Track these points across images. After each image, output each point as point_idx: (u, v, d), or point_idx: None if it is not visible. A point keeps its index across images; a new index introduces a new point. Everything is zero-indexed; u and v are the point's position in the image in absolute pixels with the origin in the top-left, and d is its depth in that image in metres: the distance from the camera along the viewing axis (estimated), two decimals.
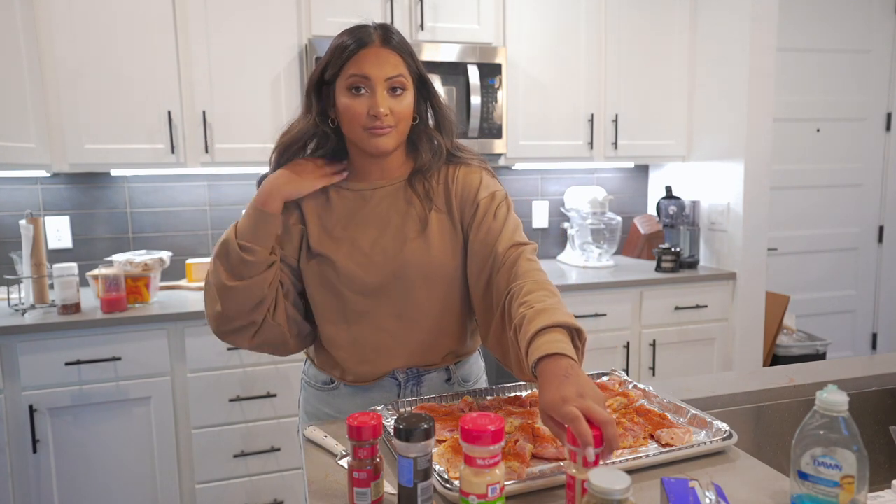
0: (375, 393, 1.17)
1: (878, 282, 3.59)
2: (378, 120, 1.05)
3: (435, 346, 1.17)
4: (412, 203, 1.14)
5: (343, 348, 1.15)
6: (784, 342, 2.90)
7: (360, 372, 1.16)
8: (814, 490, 0.74)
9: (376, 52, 1.06)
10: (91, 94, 2.17)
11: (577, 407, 0.75)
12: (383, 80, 1.06)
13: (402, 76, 1.07)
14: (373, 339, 1.14)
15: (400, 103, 1.08)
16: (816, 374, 1.38)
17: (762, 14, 2.57)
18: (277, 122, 2.36)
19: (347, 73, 1.06)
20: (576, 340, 0.90)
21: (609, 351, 2.58)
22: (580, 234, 2.92)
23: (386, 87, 1.06)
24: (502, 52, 2.49)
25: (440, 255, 1.12)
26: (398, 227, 1.13)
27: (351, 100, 1.06)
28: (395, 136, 1.09)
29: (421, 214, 1.13)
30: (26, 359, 1.93)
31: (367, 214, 1.14)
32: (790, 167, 3.32)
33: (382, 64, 1.06)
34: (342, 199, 1.15)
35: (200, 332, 2.09)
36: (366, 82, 1.06)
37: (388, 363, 1.16)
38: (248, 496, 2.20)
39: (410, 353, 1.16)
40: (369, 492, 0.77)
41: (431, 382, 1.19)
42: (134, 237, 2.56)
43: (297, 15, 2.33)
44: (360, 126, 1.07)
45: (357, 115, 1.06)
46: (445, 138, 1.16)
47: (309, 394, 1.24)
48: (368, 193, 1.15)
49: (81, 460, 2.01)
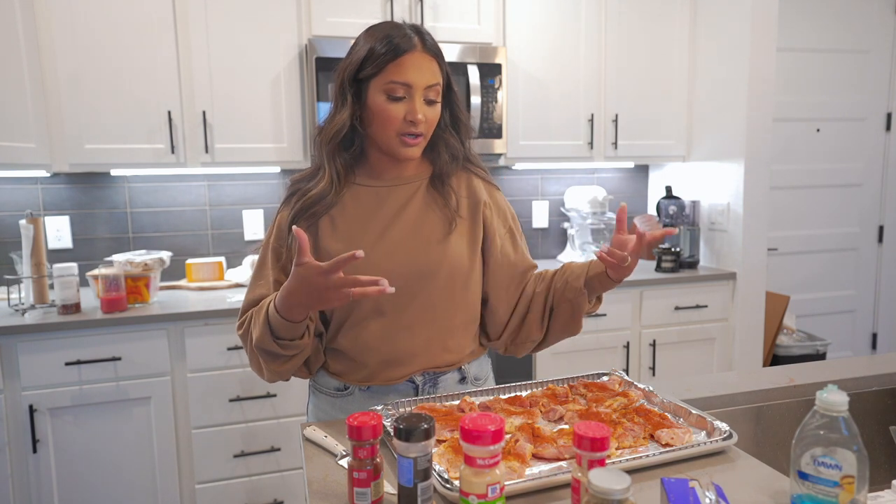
0: (392, 397, 1.15)
1: (878, 282, 3.59)
2: (414, 126, 1.07)
3: (455, 346, 1.18)
4: (433, 206, 1.16)
5: (366, 351, 1.14)
6: (784, 342, 2.90)
7: (383, 375, 1.15)
8: (814, 490, 0.74)
9: (419, 58, 1.07)
10: (91, 94, 2.17)
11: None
12: (423, 88, 1.07)
13: (438, 84, 1.10)
14: (396, 340, 1.13)
15: (433, 111, 1.10)
16: (816, 374, 1.38)
17: (762, 14, 2.57)
18: (277, 122, 2.37)
19: (387, 76, 1.06)
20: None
21: (609, 351, 2.58)
22: (580, 234, 2.92)
23: (424, 96, 1.08)
24: (502, 52, 2.49)
25: (464, 258, 1.15)
26: (421, 228, 1.14)
27: (388, 104, 1.07)
28: (423, 144, 1.11)
29: (444, 218, 1.15)
30: (26, 359, 1.93)
31: (386, 213, 1.14)
32: (790, 167, 3.32)
33: (424, 71, 1.07)
34: (356, 197, 1.15)
35: (200, 332, 2.09)
36: (407, 90, 1.06)
37: (411, 364, 1.15)
38: (248, 496, 2.20)
39: (432, 354, 1.15)
40: (369, 492, 0.77)
41: (446, 383, 1.19)
42: (134, 237, 2.56)
43: (297, 15, 2.33)
44: (395, 131, 1.08)
45: (393, 119, 1.07)
46: (462, 140, 1.18)
47: (320, 400, 1.22)
48: (385, 191, 1.16)
49: (81, 460, 2.01)
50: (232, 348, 2.12)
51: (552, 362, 2.50)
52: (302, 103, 2.38)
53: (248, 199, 2.68)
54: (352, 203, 1.15)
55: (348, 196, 1.15)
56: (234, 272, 2.53)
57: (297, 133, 2.39)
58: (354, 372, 1.16)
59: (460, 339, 1.19)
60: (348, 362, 1.16)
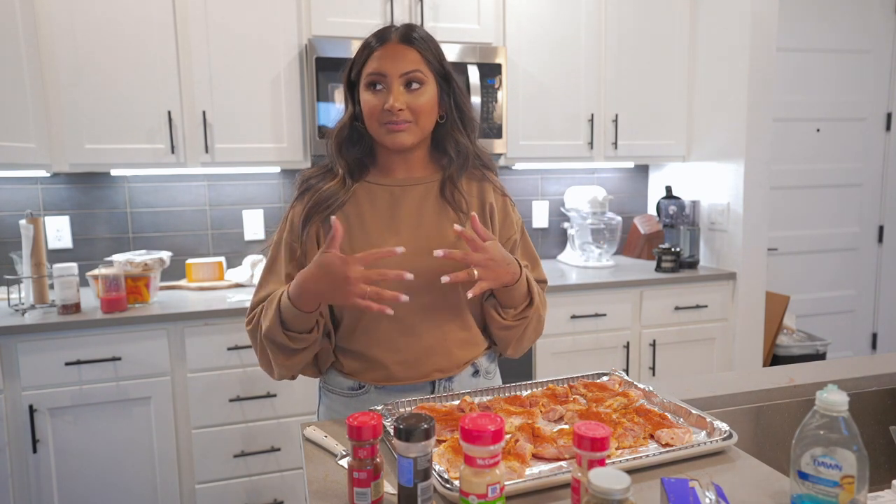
0: (409, 395, 1.15)
1: (878, 282, 3.59)
2: (392, 115, 1.08)
3: (472, 341, 1.19)
4: (446, 207, 1.17)
5: (382, 350, 1.14)
6: (784, 342, 2.90)
7: (402, 374, 1.14)
8: (814, 490, 0.74)
9: (393, 49, 1.10)
10: (91, 94, 2.17)
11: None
12: (398, 76, 1.08)
13: (418, 71, 1.10)
14: (413, 339, 1.14)
15: (417, 98, 1.10)
16: (816, 374, 1.38)
17: (762, 14, 2.57)
18: (277, 122, 2.37)
19: (367, 71, 1.10)
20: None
21: (609, 351, 2.58)
22: (580, 234, 2.92)
23: (402, 83, 1.09)
24: (502, 52, 2.49)
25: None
26: (436, 230, 1.15)
27: (369, 96, 1.10)
28: (414, 132, 1.11)
29: (457, 220, 1.16)
30: (26, 359, 1.93)
31: (401, 213, 1.15)
32: (790, 167, 3.32)
33: (399, 60, 1.09)
34: (370, 195, 1.16)
35: (200, 332, 2.09)
36: (382, 79, 1.09)
37: (428, 363, 1.15)
38: (248, 496, 2.20)
39: (449, 352, 1.16)
40: (369, 492, 0.77)
41: (462, 378, 1.20)
42: (134, 237, 2.56)
43: (297, 15, 2.33)
44: (377, 121, 1.10)
45: (373, 109, 1.09)
46: (469, 137, 1.18)
47: (332, 401, 1.21)
48: (398, 190, 1.17)
49: (81, 460, 2.01)
50: (232, 348, 2.12)
51: (552, 362, 2.50)
52: (302, 103, 2.38)
53: (248, 199, 2.68)
54: (367, 202, 1.16)
55: (363, 194, 1.16)
56: (234, 272, 2.53)
57: (297, 133, 2.39)
58: (371, 371, 1.16)
59: (475, 336, 1.20)
60: (364, 362, 1.16)
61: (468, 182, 1.21)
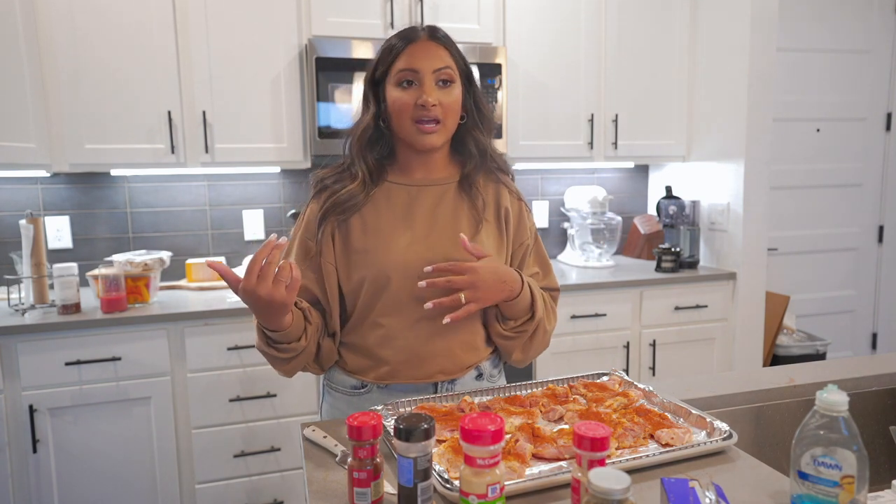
0: (411, 395, 1.14)
1: (878, 282, 3.59)
2: (426, 110, 1.08)
3: (478, 344, 1.19)
4: (462, 207, 1.17)
5: (388, 348, 1.14)
6: (784, 342, 2.90)
7: (405, 373, 1.15)
8: (814, 490, 0.74)
9: (425, 46, 1.10)
10: (91, 94, 2.17)
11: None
12: (431, 72, 1.09)
13: (449, 68, 1.11)
14: (420, 337, 1.13)
15: (448, 96, 1.11)
16: (816, 374, 1.38)
17: (762, 14, 2.57)
18: (277, 122, 2.37)
19: (397, 68, 1.10)
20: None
21: (609, 351, 2.58)
22: (580, 234, 2.92)
23: (435, 79, 1.10)
24: (502, 52, 2.49)
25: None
26: (452, 229, 1.15)
27: (400, 92, 1.10)
28: (442, 133, 1.12)
29: (472, 219, 1.17)
30: (26, 359, 1.93)
31: (417, 212, 1.16)
32: (790, 167, 3.31)
33: (431, 57, 1.10)
34: (389, 195, 1.17)
35: (200, 332, 2.09)
36: (415, 75, 1.09)
37: (432, 363, 1.15)
38: (248, 496, 2.20)
39: (454, 353, 1.16)
40: (369, 492, 0.77)
41: (465, 383, 1.19)
42: (134, 237, 2.56)
43: (297, 15, 2.33)
44: (409, 118, 1.10)
45: (406, 105, 1.09)
46: (486, 138, 1.19)
47: (336, 399, 1.21)
48: (415, 190, 1.17)
49: (81, 460, 2.01)
50: (232, 348, 2.12)
51: (552, 362, 2.50)
52: (302, 103, 2.38)
53: (248, 199, 2.68)
54: (384, 201, 1.16)
55: (381, 194, 1.17)
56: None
57: (297, 133, 2.39)
58: (374, 369, 1.16)
59: (481, 340, 1.20)
60: (367, 359, 1.16)
61: (485, 184, 1.21)
